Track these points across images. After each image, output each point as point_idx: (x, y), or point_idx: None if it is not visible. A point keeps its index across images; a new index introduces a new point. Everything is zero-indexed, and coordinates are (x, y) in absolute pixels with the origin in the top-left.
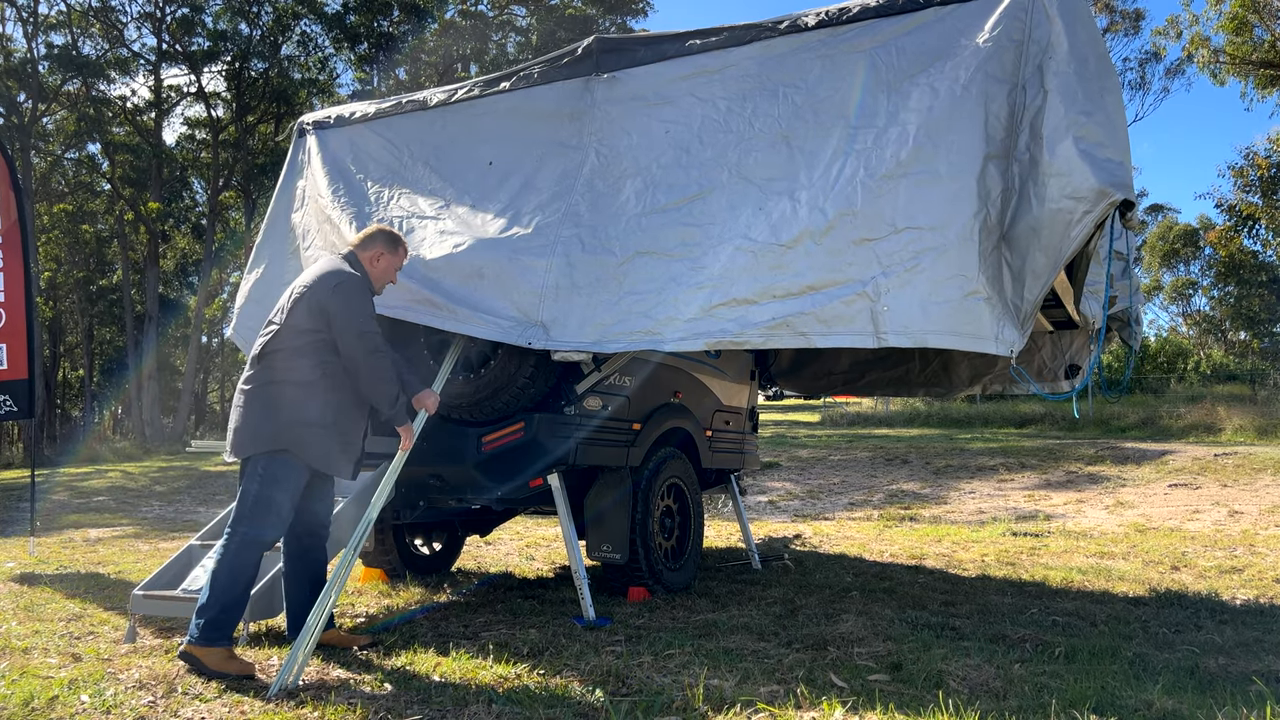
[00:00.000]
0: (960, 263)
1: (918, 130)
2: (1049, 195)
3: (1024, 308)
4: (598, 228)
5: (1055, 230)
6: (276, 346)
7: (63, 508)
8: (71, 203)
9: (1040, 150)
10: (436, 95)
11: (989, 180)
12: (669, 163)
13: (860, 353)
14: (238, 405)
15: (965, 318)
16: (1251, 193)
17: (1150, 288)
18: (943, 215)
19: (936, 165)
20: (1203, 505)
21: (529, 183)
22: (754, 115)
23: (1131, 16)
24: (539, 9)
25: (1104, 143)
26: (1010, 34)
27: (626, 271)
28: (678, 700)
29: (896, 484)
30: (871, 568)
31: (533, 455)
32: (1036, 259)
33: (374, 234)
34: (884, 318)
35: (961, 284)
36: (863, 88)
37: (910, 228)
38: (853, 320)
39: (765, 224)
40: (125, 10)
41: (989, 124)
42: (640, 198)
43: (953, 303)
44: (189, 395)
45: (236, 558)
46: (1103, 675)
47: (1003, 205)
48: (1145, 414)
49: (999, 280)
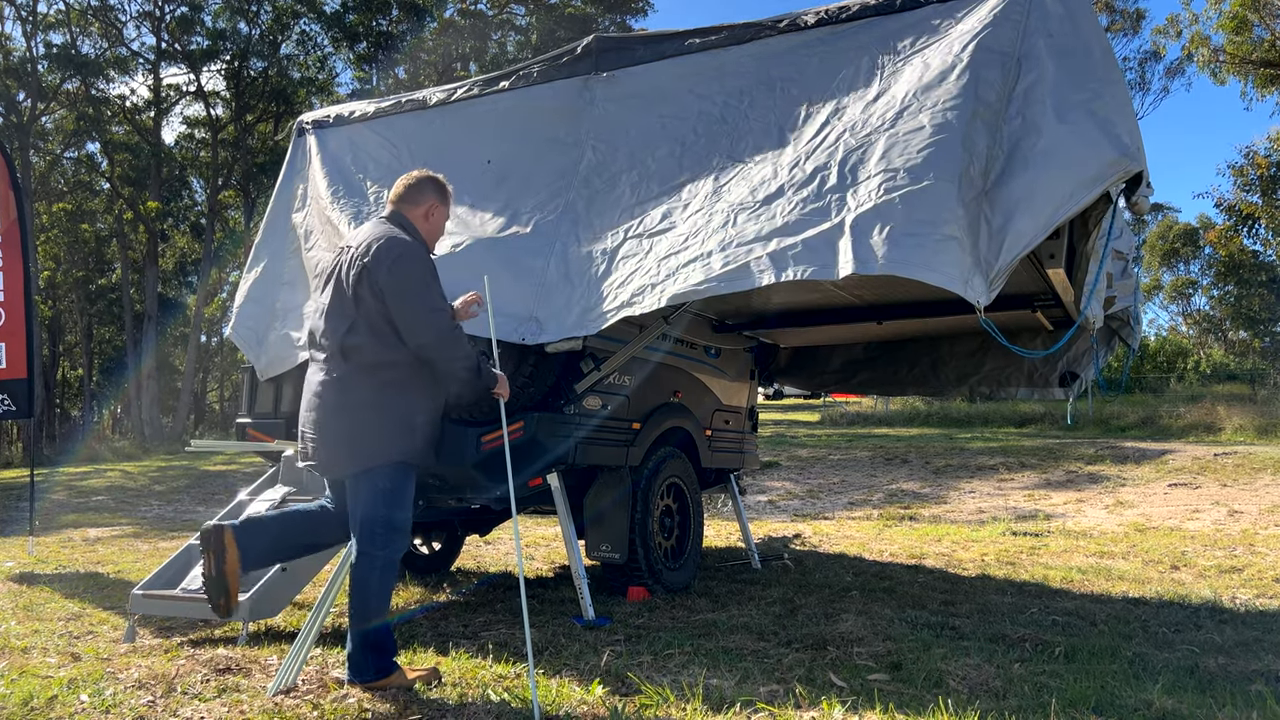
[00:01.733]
0: (939, 204)
1: (905, 95)
2: (1056, 158)
3: (997, 266)
4: (593, 222)
5: (1056, 194)
6: (361, 342)
7: (62, 507)
8: (71, 202)
9: (1043, 114)
10: (436, 95)
11: (975, 133)
12: (664, 155)
13: (851, 352)
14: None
15: (939, 255)
16: (1251, 192)
17: (1150, 287)
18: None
19: (921, 119)
20: (1202, 505)
21: (527, 181)
22: (750, 108)
23: (1131, 16)
24: (538, 8)
25: (1115, 120)
26: (1010, 19)
27: (615, 255)
28: (678, 700)
29: (896, 483)
30: (871, 567)
31: (532, 455)
32: (1023, 220)
33: (421, 183)
34: (859, 246)
35: (939, 224)
36: (863, 83)
37: (887, 169)
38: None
39: (746, 188)
40: (124, 9)
41: (979, 86)
42: (635, 189)
43: (928, 239)
44: (188, 395)
45: (382, 585)
46: (1103, 675)
47: (988, 161)
48: (1145, 413)
49: (975, 230)
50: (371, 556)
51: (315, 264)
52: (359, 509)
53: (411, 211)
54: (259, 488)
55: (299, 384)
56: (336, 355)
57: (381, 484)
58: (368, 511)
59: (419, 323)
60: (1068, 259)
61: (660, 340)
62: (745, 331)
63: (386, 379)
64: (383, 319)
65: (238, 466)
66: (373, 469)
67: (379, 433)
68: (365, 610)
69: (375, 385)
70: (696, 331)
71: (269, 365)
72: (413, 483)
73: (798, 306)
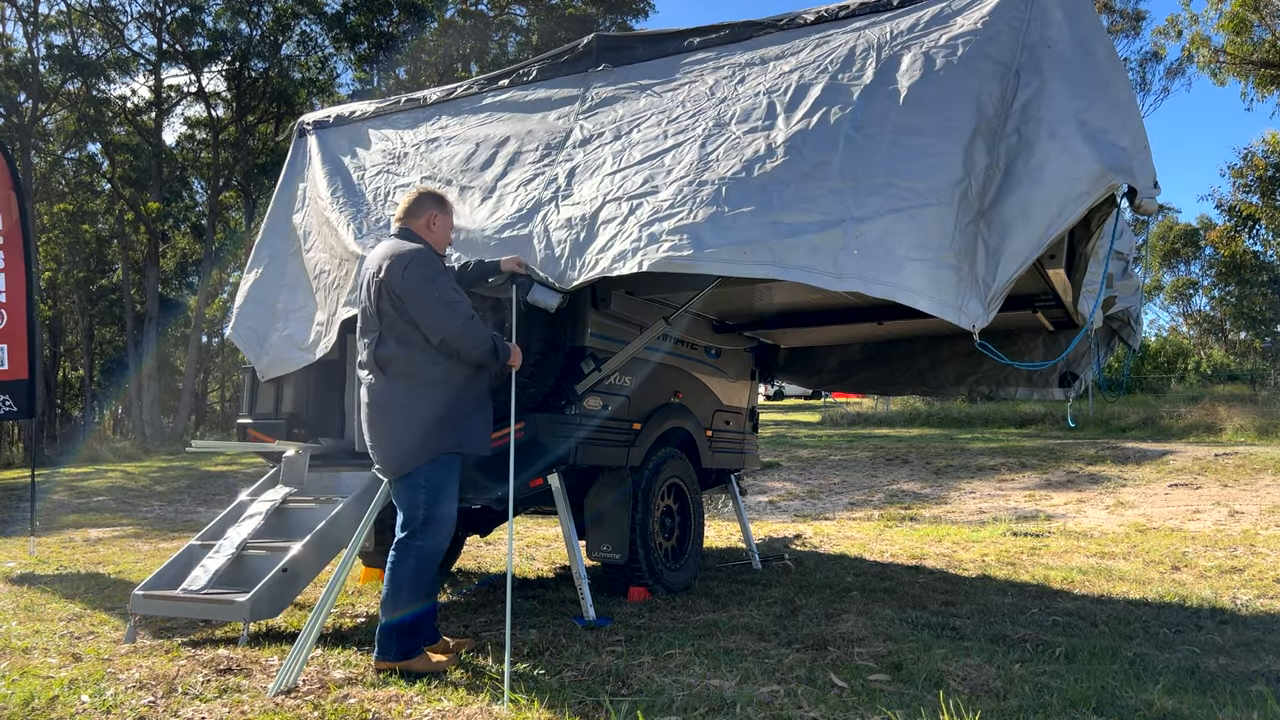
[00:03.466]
0: (937, 226)
1: (908, 92)
2: (1046, 176)
3: (994, 286)
4: (573, 190)
5: (1047, 211)
6: (391, 353)
7: (63, 508)
8: (72, 202)
9: (1036, 130)
10: (435, 94)
11: (975, 152)
12: (649, 125)
13: (849, 352)
14: (375, 420)
15: (932, 280)
16: (1251, 193)
17: (1151, 288)
18: (925, 176)
19: (924, 126)
20: (1203, 505)
21: (515, 161)
22: (741, 83)
23: (1131, 16)
24: (539, 8)
25: (1108, 128)
26: (1009, 22)
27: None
28: (678, 700)
29: (897, 484)
30: (872, 568)
31: (533, 455)
32: (1018, 239)
33: (417, 199)
34: (849, 261)
35: (935, 247)
36: (864, 73)
37: (890, 182)
38: (818, 257)
39: (737, 159)
40: (125, 10)
41: (981, 99)
42: (617, 157)
43: (923, 263)
44: (189, 395)
45: (417, 574)
46: (1103, 675)
47: (985, 180)
48: (1146, 414)
49: (972, 254)
50: (408, 546)
51: (314, 265)
52: (400, 504)
53: (415, 224)
54: (260, 488)
55: (299, 385)
56: (374, 368)
57: (421, 482)
58: (408, 509)
59: (437, 318)
60: (1068, 259)
61: (661, 340)
62: (745, 332)
63: (421, 382)
64: (407, 325)
65: (238, 467)
66: (413, 470)
67: (413, 435)
68: (395, 596)
69: (409, 390)
70: (697, 332)
71: (269, 366)
72: (456, 474)
73: (799, 307)
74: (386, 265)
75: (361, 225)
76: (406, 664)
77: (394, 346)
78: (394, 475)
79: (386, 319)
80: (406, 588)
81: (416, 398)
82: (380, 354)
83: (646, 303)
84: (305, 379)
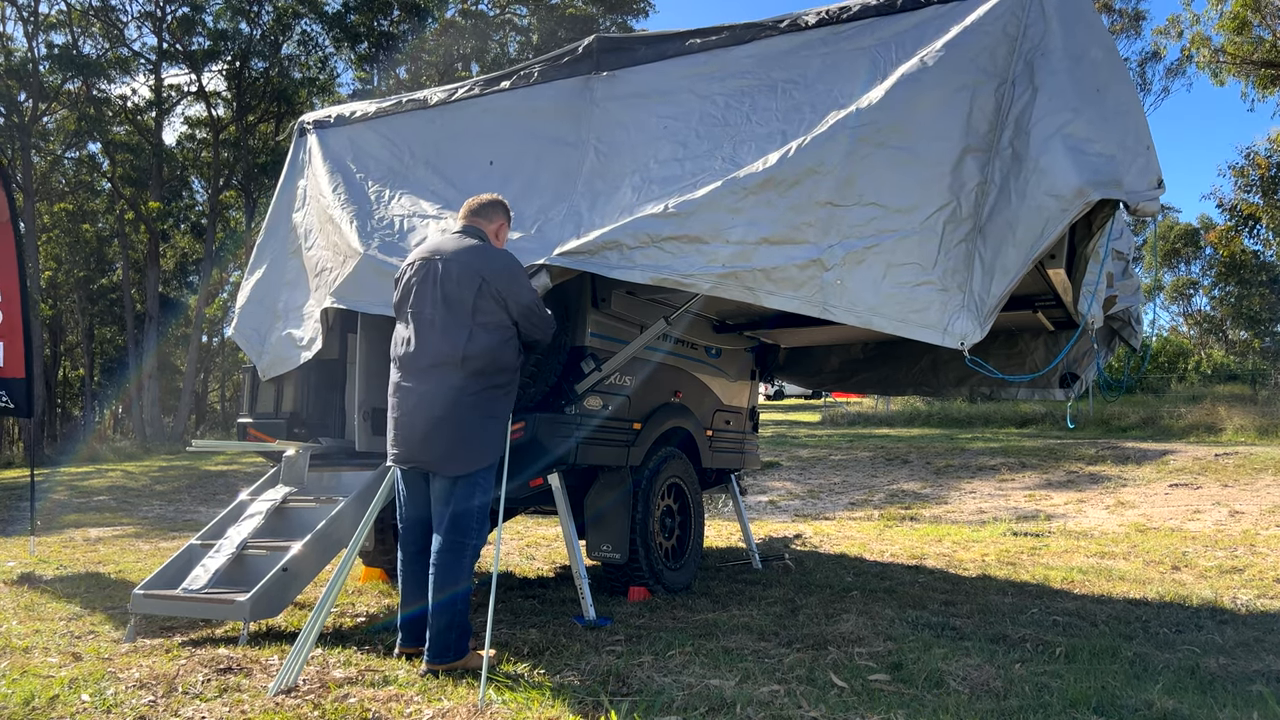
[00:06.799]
0: (919, 251)
1: (902, 102)
2: (1029, 192)
3: (989, 302)
4: (595, 222)
5: (1031, 227)
6: (478, 348)
7: (63, 507)
8: (72, 202)
9: (1025, 145)
10: (437, 94)
11: (964, 172)
12: (665, 157)
13: (850, 352)
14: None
15: (914, 305)
16: (1252, 193)
17: (1151, 288)
18: (910, 199)
19: (915, 144)
20: (1203, 505)
21: (531, 184)
22: (752, 110)
23: (1132, 16)
24: (540, 8)
25: (1093, 138)
26: (1005, 29)
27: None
28: (678, 700)
29: (897, 484)
30: (872, 568)
31: (533, 455)
32: (1008, 254)
33: (494, 203)
34: (834, 291)
35: (916, 272)
36: (863, 85)
37: (876, 204)
38: (802, 286)
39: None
40: (125, 10)
41: (972, 116)
42: (637, 191)
43: (905, 288)
44: (189, 395)
45: (471, 573)
46: (1103, 675)
47: (978, 198)
48: (1146, 414)
49: (966, 272)
50: (464, 545)
51: (316, 262)
52: (454, 504)
53: (487, 226)
54: (260, 488)
55: (300, 384)
56: (452, 364)
57: (481, 481)
58: (463, 506)
59: (540, 319)
60: (1068, 259)
61: (661, 340)
62: (746, 331)
63: (494, 383)
64: (505, 322)
65: (239, 466)
66: (475, 470)
67: (486, 435)
68: (455, 597)
69: (482, 389)
70: (697, 331)
71: (270, 365)
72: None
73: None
74: (492, 264)
75: (365, 224)
76: (464, 662)
77: (483, 342)
78: (457, 473)
79: (482, 314)
80: (464, 583)
81: (491, 399)
82: (470, 350)
83: (647, 302)
84: (305, 378)
